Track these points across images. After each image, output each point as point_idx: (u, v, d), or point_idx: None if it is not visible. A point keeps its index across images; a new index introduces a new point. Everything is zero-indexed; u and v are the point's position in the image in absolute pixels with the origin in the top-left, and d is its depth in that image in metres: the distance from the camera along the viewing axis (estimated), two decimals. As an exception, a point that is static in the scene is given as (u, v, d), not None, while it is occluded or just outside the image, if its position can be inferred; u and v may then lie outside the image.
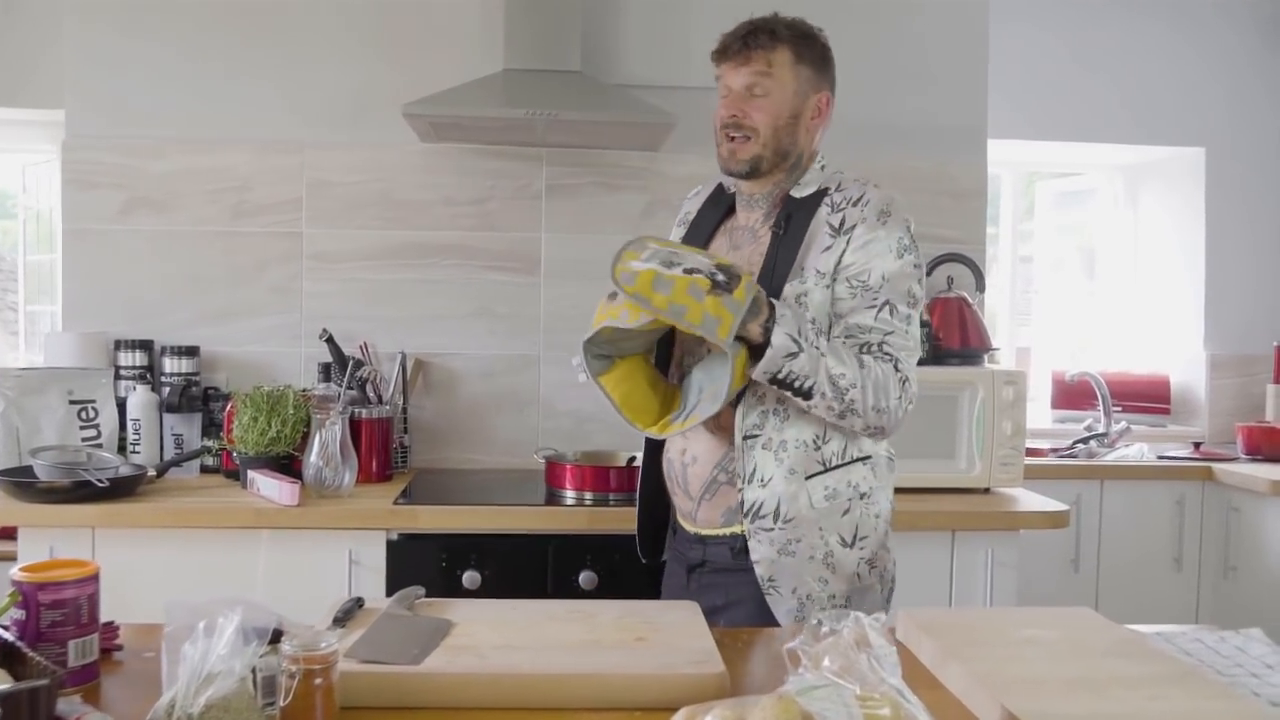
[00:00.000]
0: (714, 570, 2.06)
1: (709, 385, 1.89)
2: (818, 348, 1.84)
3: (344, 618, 1.65)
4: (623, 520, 2.74)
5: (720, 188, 2.18)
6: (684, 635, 1.59)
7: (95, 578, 1.50)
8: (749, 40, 1.97)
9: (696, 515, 2.07)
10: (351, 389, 3.06)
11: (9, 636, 1.41)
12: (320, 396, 2.95)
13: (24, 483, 2.72)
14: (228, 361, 3.36)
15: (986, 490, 3.07)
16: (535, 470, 3.13)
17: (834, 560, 1.98)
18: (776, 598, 1.97)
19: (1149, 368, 4.62)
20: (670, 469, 2.11)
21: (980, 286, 3.42)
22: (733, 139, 1.99)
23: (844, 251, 1.94)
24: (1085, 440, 4.13)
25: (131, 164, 3.35)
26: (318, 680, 1.31)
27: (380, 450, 3.09)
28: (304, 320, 3.38)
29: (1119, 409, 4.36)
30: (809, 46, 2.02)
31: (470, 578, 2.72)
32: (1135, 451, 4.06)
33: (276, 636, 1.39)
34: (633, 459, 2.93)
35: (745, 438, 1.96)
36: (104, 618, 1.55)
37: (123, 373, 3.23)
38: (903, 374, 1.91)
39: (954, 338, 3.27)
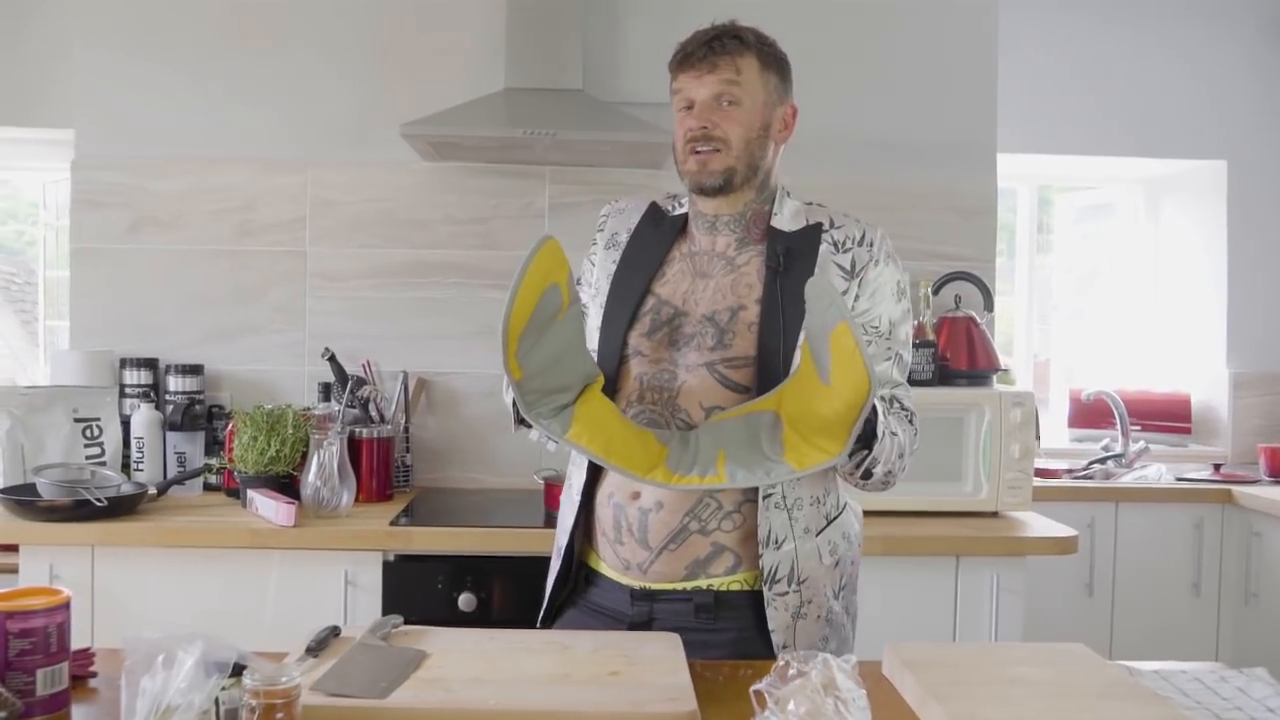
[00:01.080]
0: (668, 631, 1.79)
1: (730, 448, 1.67)
2: (888, 427, 1.71)
3: (317, 648, 1.63)
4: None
5: (655, 207, 1.99)
6: (659, 670, 1.56)
7: (66, 606, 1.49)
8: (714, 46, 1.81)
9: (649, 567, 1.83)
10: (353, 408, 3.06)
11: (-27, 666, 1.41)
12: (319, 416, 2.94)
13: (26, 501, 2.74)
14: (232, 380, 3.37)
15: (994, 514, 3.03)
16: (535, 491, 3.12)
17: (832, 616, 1.86)
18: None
19: (1169, 386, 4.56)
20: (618, 516, 1.85)
21: (989, 305, 3.38)
22: (700, 152, 1.82)
23: (858, 296, 1.82)
24: (1102, 460, 4.07)
25: (138, 183, 3.37)
26: (279, 715, 1.29)
27: (381, 469, 3.08)
28: (307, 339, 3.38)
29: (1138, 428, 4.30)
30: (774, 54, 1.87)
31: (466, 600, 2.71)
32: (1153, 472, 3.99)
33: (238, 670, 1.38)
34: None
35: (764, 496, 1.79)
36: (99, 637, 1.54)
37: (127, 391, 3.25)
38: (916, 427, 1.83)
39: (961, 358, 3.22)
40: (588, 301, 1.98)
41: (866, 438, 1.66)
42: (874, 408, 1.62)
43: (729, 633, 1.81)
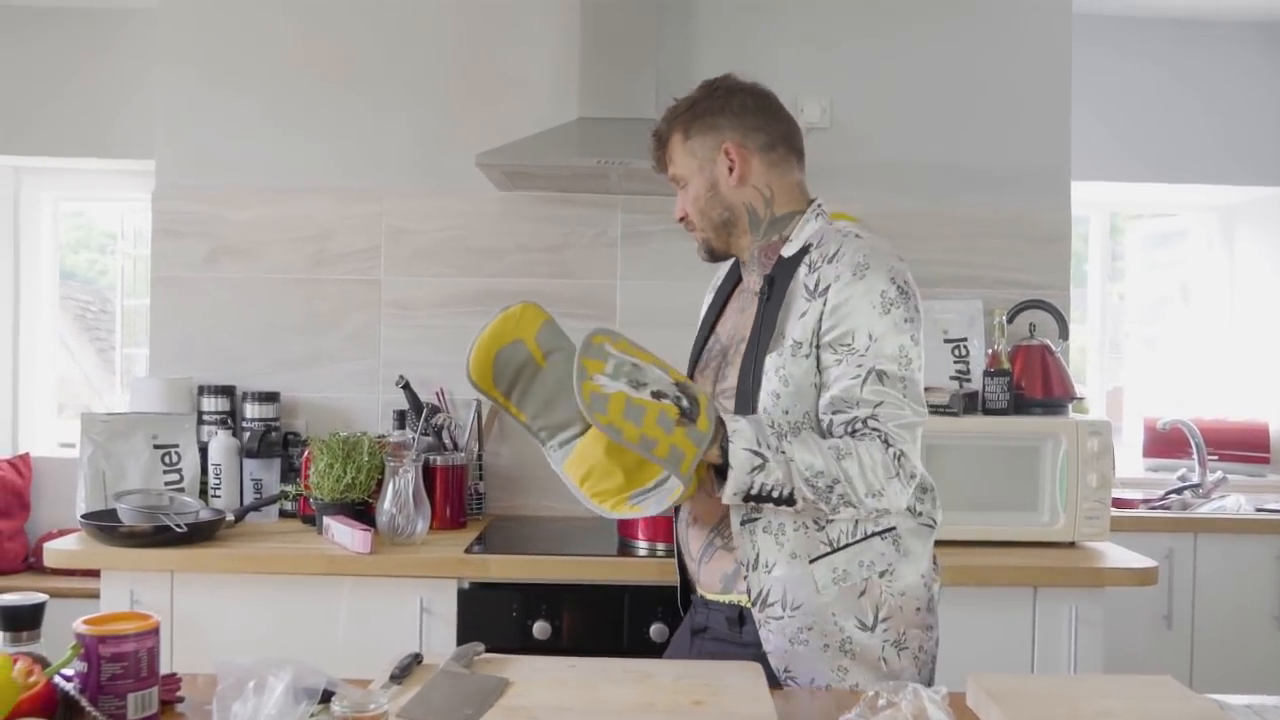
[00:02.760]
0: (713, 639, 1.97)
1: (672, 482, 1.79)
2: (783, 452, 1.71)
3: (401, 674, 1.64)
4: (694, 572, 2.74)
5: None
6: (743, 700, 1.56)
7: (155, 631, 1.51)
8: (654, 153, 2.03)
9: (700, 577, 1.99)
10: (427, 436, 3.08)
11: (70, 688, 1.43)
12: (395, 444, 2.97)
13: (108, 526, 2.78)
14: (307, 407, 3.41)
15: (1071, 544, 2.98)
16: (609, 519, 3.10)
17: (853, 647, 1.83)
18: (795, 690, 1.83)
19: (1247, 414, 4.47)
20: (677, 527, 2.07)
21: (1064, 334, 3.34)
22: (691, 232, 2.03)
23: (821, 314, 1.80)
24: (1179, 491, 4.00)
25: (216, 213, 3.43)
26: (367, 740, 1.30)
27: (455, 497, 3.10)
28: (381, 366, 3.41)
29: (1215, 458, 4.22)
30: (690, 117, 1.97)
31: (541, 628, 2.71)
32: (1232, 503, 3.91)
33: (327, 696, 1.39)
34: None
35: (743, 522, 1.84)
36: (178, 661, 1.56)
37: (205, 418, 3.29)
38: (895, 449, 1.75)
39: (1036, 387, 3.18)
40: None
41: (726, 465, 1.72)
42: (728, 437, 1.71)
43: (752, 649, 1.88)
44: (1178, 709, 1.52)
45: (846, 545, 1.83)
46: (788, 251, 1.90)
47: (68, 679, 1.45)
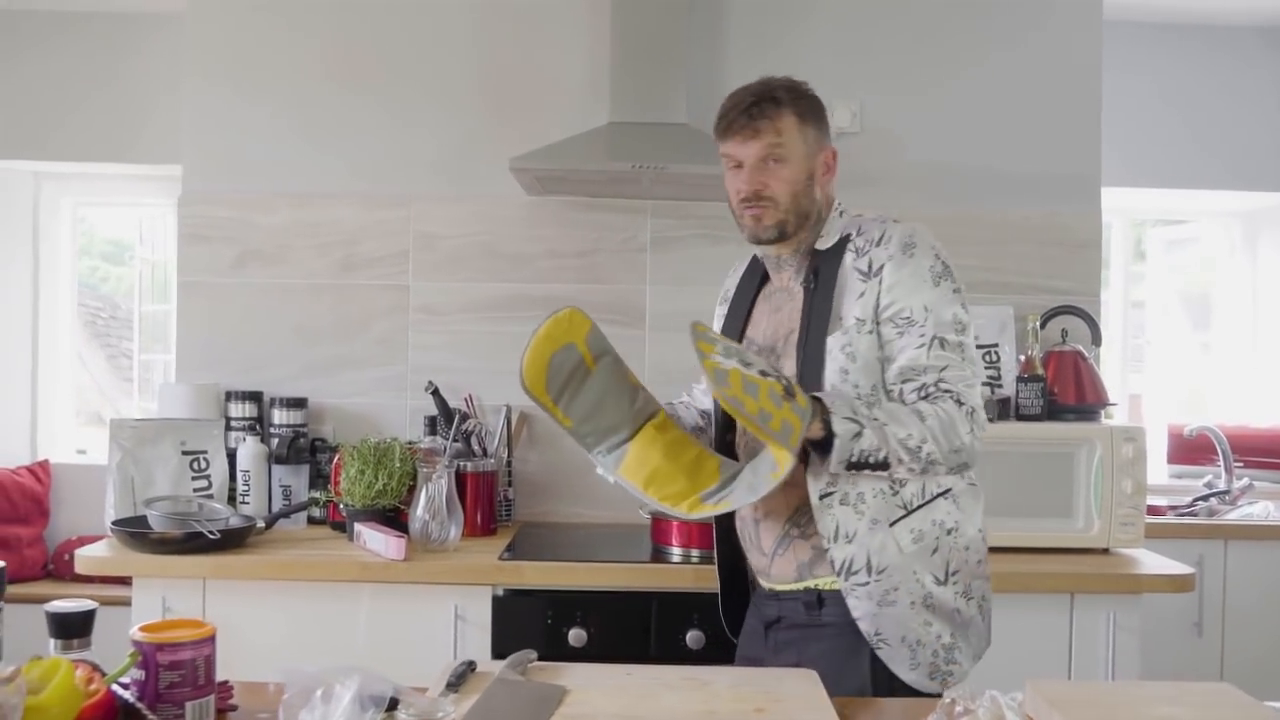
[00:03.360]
0: (789, 627, 2.05)
1: (750, 474, 1.87)
2: (876, 419, 1.82)
3: (456, 683, 1.63)
4: (730, 579, 2.72)
5: (755, 260, 2.20)
6: (804, 707, 1.56)
7: (212, 639, 1.50)
8: (753, 112, 1.97)
9: (770, 571, 2.06)
10: (457, 442, 3.06)
11: (129, 697, 1.42)
12: (427, 450, 2.95)
13: (138, 533, 2.76)
14: (335, 413, 3.40)
15: (1105, 551, 2.96)
16: (639, 525, 3.10)
17: (933, 601, 1.95)
18: (889, 651, 1.93)
19: (1270, 421, 4.45)
20: (743, 526, 2.11)
21: (1096, 340, 3.32)
22: (752, 208, 1.99)
23: (879, 293, 1.92)
24: (1205, 498, 3.98)
25: (244, 218, 3.41)
26: (433, 750, 1.28)
27: (485, 504, 3.08)
28: (410, 372, 3.40)
29: (1239, 464, 4.20)
30: (810, 106, 2.02)
31: (576, 635, 2.69)
32: (1260, 510, 3.90)
33: (393, 704, 1.38)
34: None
35: (821, 497, 1.93)
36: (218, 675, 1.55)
37: (233, 424, 3.27)
38: (968, 406, 1.89)
39: (1069, 393, 3.17)
40: None
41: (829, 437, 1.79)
42: (826, 410, 1.78)
43: (831, 627, 1.97)
44: (1242, 716, 1.51)
45: (919, 507, 1.96)
46: (822, 245, 2.01)
47: (124, 687, 1.44)
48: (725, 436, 2.13)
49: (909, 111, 3.47)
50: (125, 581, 2.85)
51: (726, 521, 2.15)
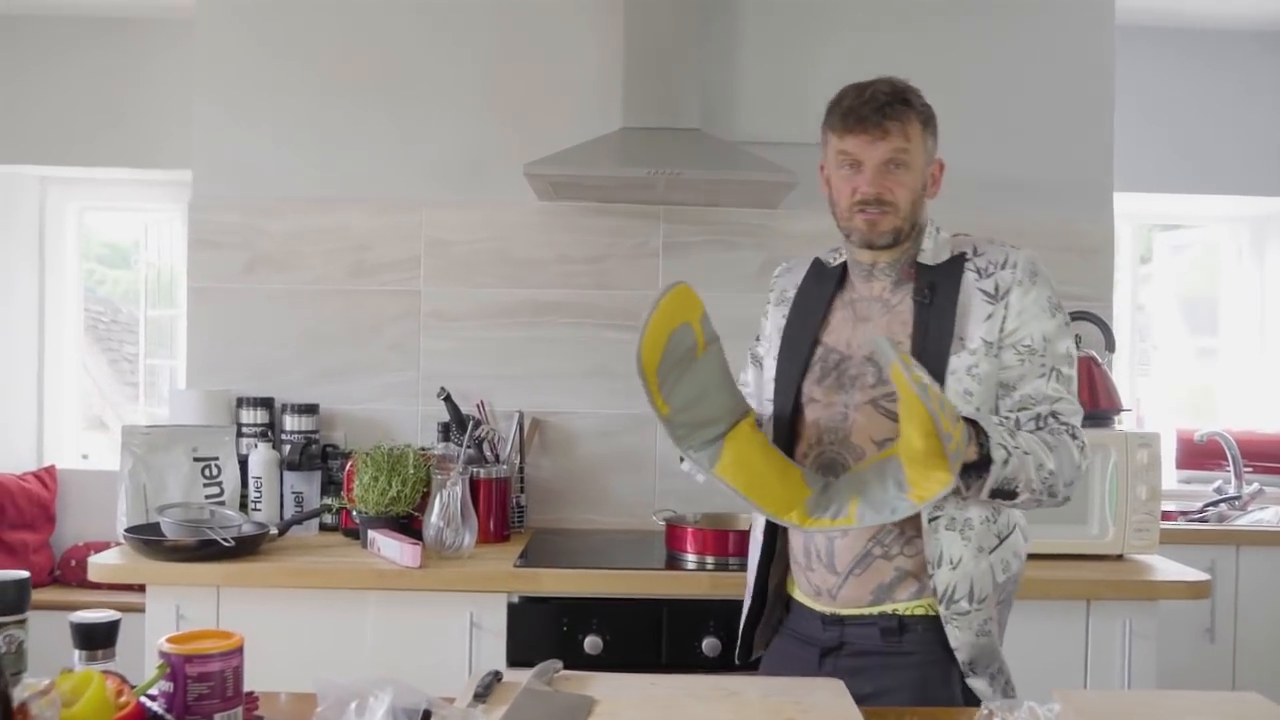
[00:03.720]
0: (856, 654, 1.92)
1: (864, 493, 1.75)
2: (1019, 446, 1.76)
3: (484, 693, 1.62)
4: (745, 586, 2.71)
5: (818, 262, 2.10)
6: (834, 717, 1.54)
7: (240, 650, 1.49)
8: (886, 112, 1.87)
9: (838, 592, 1.93)
10: (470, 448, 3.05)
11: (158, 709, 1.41)
12: (441, 456, 2.94)
13: (152, 540, 2.75)
14: (346, 419, 3.38)
15: (1120, 557, 2.95)
16: (652, 531, 3.09)
17: (1002, 631, 1.96)
18: (978, 681, 1.90)
19: (1278, 426, 4.45)
20: (807, 542, 1.97)
21: (1110, 345, 3.32)
22: (868, 213, 1.90)
23: (1005, 318, 1.87)
24: (1216, 503, 3.98)
25: (254, 224, 3.40)
26: (468, 762, 1.27)
27: (498, 510, 3.07)
28: (421, 378, 3.39)
29: (1248, 469, 4.20)
30: (930, 114, 1.95)
31: (592, 642, 2.68)
32: (1270, 515, 3.89)
33: (426, 715, 1.37)
34: (756, 522, 2.88)
35: (930, 519, 1.86)
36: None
37: (244, 430, 3.26)
38: (1080, 441, 1.86)
39: (1083, 398, 3.16)
40: (763, 355, 2.14)
41: (985, 461, 1.71)
42: (984, 434, 1.71)
43: (915, 656, 1.89)
44: (1269, 724, 1.50)
45: (1008, 537, 1.94)
46: (928, 259, 1.95)
47: (152, 699, 1.43)
48: (789, 449, 1.98)
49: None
50: (132, 587, 2.84)
51: (772, 535, 2.05)
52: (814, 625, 1.97)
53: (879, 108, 1.87)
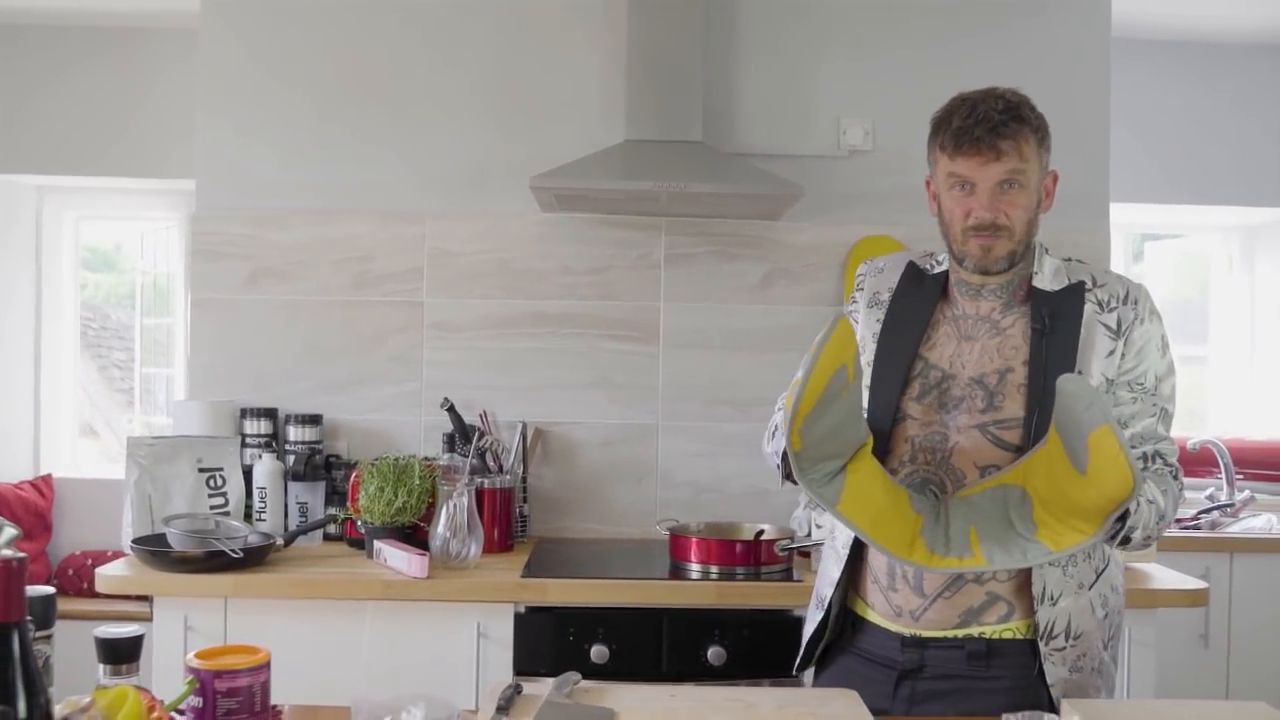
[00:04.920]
0: (939, 677, 1.87)
1: (981, 526, 1.71)
2: (1144, 495, 1.72)
3: (506, 705, 1.63)
4: (750, 595, 2.74)
5: (914, 267, 2.01)
6: (851, 728, 1.57)
7: (267, 665, 1.51)
8: (1001, 131, 1.79)
9: (922, 614, 1.87)
10: (474, 459, 3.07)
11: (189, 725, 1.43)
12: (446, 467, 2.96)
13: (159, 551, 2.76)
14: (349, 430, 3.40)
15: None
16: (655, 541, 3.11)
17: (1102, 665, 1.91)
18: None
19: (1268, 434, 4.50)
20: (893, 563, 1.87)
21: (1106, 355, 3.35)
22: (984, 237, 1.83)
23: (1124, 355, 1.85)
24: (1208, 510, 4.02)
25: (257, 235, 3.41)
26: (498, 775, 1.29)
27: (503, 520, 3.09)
28: (424, 389, 3.40)
29: (1240, 477, 4.25)
30: (1043, 125, 1.87)
31: (599, 652, 2.70)
32: (1262, 522, 3.94)
33: (455, 730, 1.39)
34: (760, 531, 2.90)
35: None
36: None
37: (248, 441, 3.27)
38: (1180, 482, 1.84)
39: (1081, 408, 3.20)
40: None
41: (1122, 514, 1.66)
42: None
43: (1004, 680, 1.85)
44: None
45: (1104, 571, 1.91)
46: (1042, 284, 1.90)
47: (181, 713, 1.45)
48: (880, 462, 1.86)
49: (921, 130, 3.45)
50: (131, 596, 2.83)
51: (855, 553, 1.96)
52: (891, 646, 1.90)
53: (993, 127, 1.79)
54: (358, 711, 1.35)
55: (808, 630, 2.05)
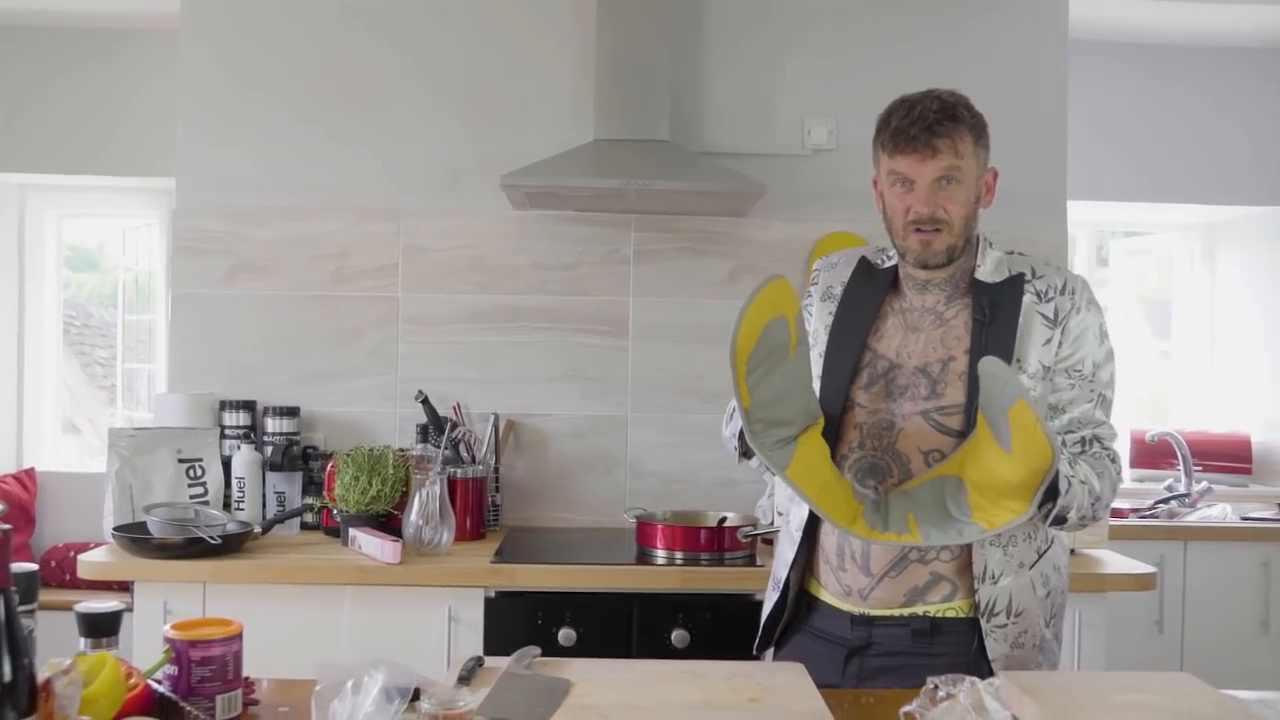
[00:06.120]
0: (885, 654, 1.95)
1: (920, 512, 1.79)
2: (1076, 476, 1.80)
3: (467, 676, 1.72)
4: (713, 580, 2.82)
5: (866, 262, 2.09)
6: (795, 696, 1.65)
7: (239, 636, 1.59)
8: (936, 129, 1.86)
9: (870, 593, 1.95)
10: (447, 449, 3.15)
11: (165, 690, 1.51)
12: (419, 457, 3.04)
13: (139, 539, 2.84)
14: (326, 421, 3.47)
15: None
16: (624, 529, 3.20)
17: (1044, 643, 1.98)
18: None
19: (1228, 427, 4.61)
20: (842, 544, 1.97)
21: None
22: (923, 231, 1.91)
23: (1061, 343, 1.92)
24: (1166, 500, 4.13)
25: (237, 231, 3.49)
26: (454, 736, 1.38)
27: (475, 509, 3.17)
28: (399, 382, 3.48)
29: (1199, 469, 4.35)
30: (980, 123, 1.94)
31: (566, 635, 2.78)
32: (1218, 512, 4.04)
33: (416, 694, 1.47)
34: (723, 519, 2.99)
35: None
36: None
37: (227, 432, 3.35)
38: (1118, 465, 1.92)
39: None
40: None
41: (1051, 492, 1.75)
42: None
43: (946, 657, 1.92)
44: (1202, 703, 1.60)
45: (1046, 551, 1.98)
46: (985, 276, 1.97)
47: (159, 682, 1.53)
48: (830, 450, 1.94)
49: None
50: (114, 587, 2.90)
51: (808, 535, 2.04)
52: (841, 625, 1.99)
53: (928, 126, 1.86)
54: (322, 676, 1.43)
55: (766, 610, 2.13)
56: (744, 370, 1.70)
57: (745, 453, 1.94)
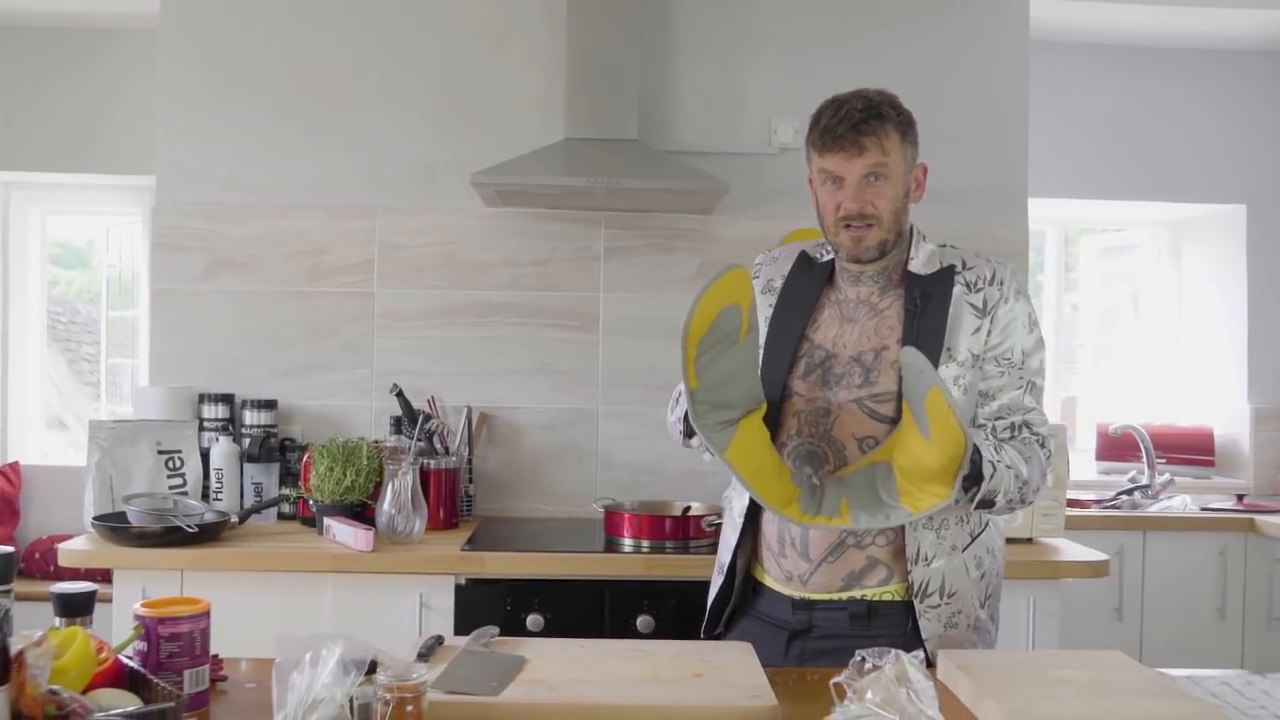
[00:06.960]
0: (825, 637, 2.01)
1: (852, 498, 1.85)
2: (1001, 460, 1.86)
3: (427, 653, 1.80)
4: (678, 568, 2.90)
5: (806, 256, 2.15)
6: (738, 672, 1.72)
7: (207, 614, 1.66)
8: (861, 128, 1.92)
9: (809, 578, 2.01)
10: (421, 441, 3.22)
11: (135, 664, 1.58)
12: (392, 448, 3.11)
13: (118, 528, 2.91)
14: (303, 414, 3.55)
15: (1029, 540, 3.15)
16: (593, 519, 3.28)
17: (978, 623, 2.04)
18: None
19: (1193, 420, 4.70)
20: (783, 530, 2.03)
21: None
22: (853, 227, 1.97)
23: (989, 332, 1.98)
24: (1129, 492, 4.21)
25: (215, 228, 3.56)
26: (409, 708, 1.44)
27: (447, 499, 3.25)
28: (374, 375, 3.56)
29: (1163, 461, 4.43)
30: (909, 121, 2.01)
31: (534, 620, 2.86)
32: (1179, 503, 4.13)
33: (372, 668, 1.54)
34: (688, 508, 3.07)
35: None
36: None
37: (206, 424, 3.42)
38: (1048, 450, 1.98)
39: (996, 392, 3.36)
40: None
41: (975, 476, 1.82)
42: (978, 451, 1.81)
43: (883, 639, 1.90)
44: (1128, 678, 1.69)
45: (980, 534, 2.05)
46: (918, 268, 2.03)
47: (129, 657, 1.60)
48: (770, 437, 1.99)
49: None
50: (96, 578, 2.94)
51: (749, 521, 2.10)
52: (783, 609, 2.05)
53: (854, 125, 1.91)
54: (281, 648, 1.50)
55: (711, 595, 2.19)
56: (694, 353, 1.75)
57: (688, 433, 2.00)
